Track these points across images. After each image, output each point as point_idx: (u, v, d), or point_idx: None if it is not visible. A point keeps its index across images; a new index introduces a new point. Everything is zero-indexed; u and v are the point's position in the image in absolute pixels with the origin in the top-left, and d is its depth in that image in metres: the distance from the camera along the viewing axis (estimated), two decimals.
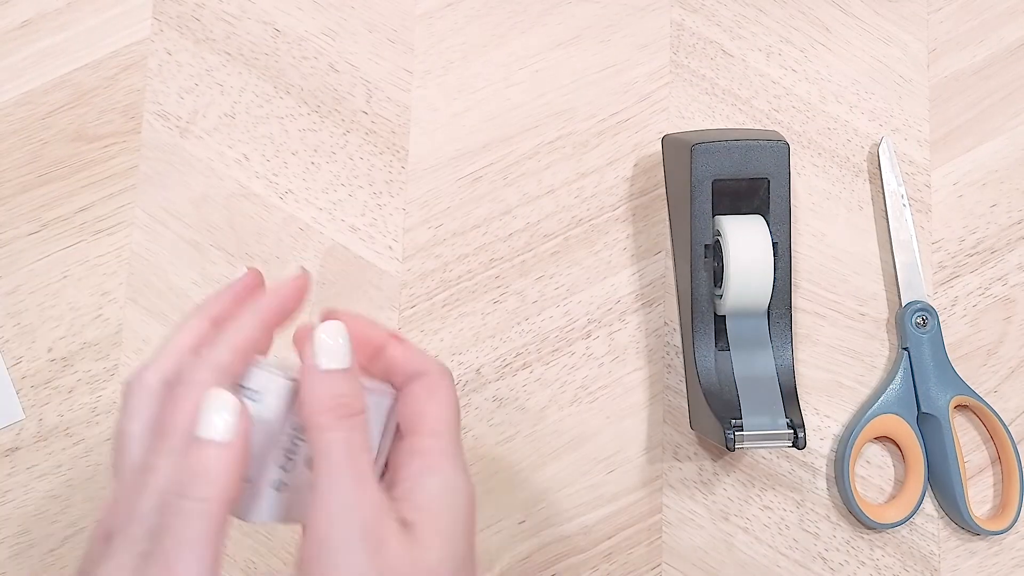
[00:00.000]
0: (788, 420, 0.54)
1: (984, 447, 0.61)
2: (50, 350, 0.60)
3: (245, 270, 0.43)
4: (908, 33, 0.65)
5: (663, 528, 0.60)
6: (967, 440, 0.61)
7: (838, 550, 0.60)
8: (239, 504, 0.38)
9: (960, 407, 0.61)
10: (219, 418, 0.36)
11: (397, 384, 0.41)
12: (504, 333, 0.61)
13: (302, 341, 0.40)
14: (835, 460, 0.60)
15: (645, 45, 0.64)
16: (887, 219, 0.62)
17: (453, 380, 0.41)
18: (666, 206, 0.62)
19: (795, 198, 0.63)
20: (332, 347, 0.39)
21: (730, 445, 0.53)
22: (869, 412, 0.59)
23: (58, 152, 0.62)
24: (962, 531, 0.60)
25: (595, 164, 0.63)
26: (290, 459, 0.39)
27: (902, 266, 0.62)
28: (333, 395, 0.38)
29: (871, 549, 0.60)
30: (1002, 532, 0.59)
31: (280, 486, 0.39)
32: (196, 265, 0.61)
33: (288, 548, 0.58)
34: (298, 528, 0.38)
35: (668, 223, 0.62)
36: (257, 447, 0.38)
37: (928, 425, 0.60)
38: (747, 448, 0.54)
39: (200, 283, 0.61)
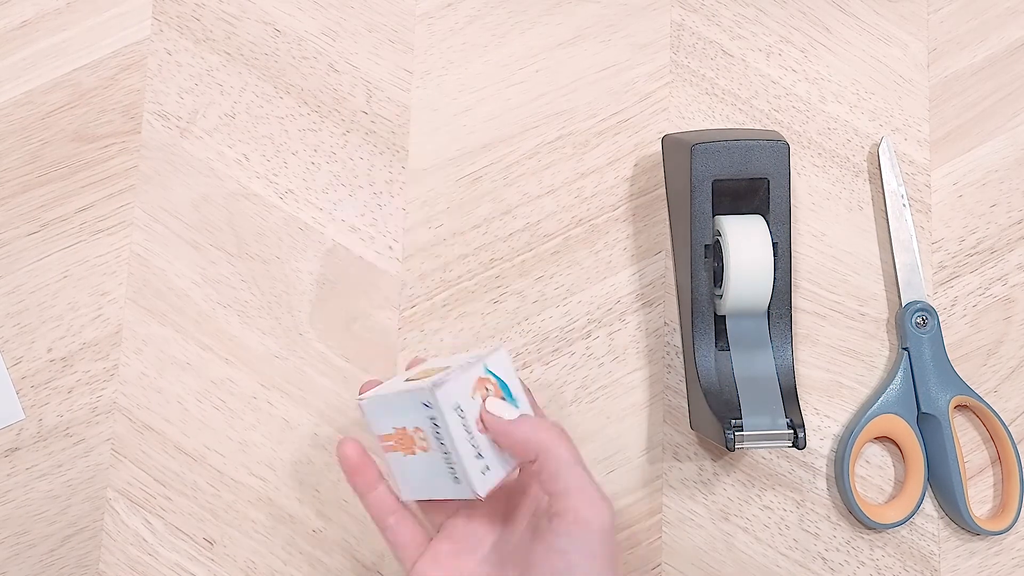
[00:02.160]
0: (788, 420, 0.54)
1: (984, 447, 0.61)
2: (50, 350, 0.60)
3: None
4: (908, 33, 0.65)
5: (663, 528, 0.60)
6: (967, 440, 0.61)
7: (838, 550, 0.60)
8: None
9: (960, 407, 0.61)
10: None
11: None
12: (504, 333, 0.61)
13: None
14: (835, 460, 0.60)
15: (645, 45, 0.64)
16: (887, 219, 0.62)
17: (565, 435, 0.47)
18: (666, 206, 0.62)
19: (795, 198, 0.63)
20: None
21: (730, 445, 0.53)
22: (869, 412, 0.59)
23: (58, 152, 0.62)
24: (962, 531, 0.60)
25: (595, 164, 0.63)
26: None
27: (902, 266, 0.62)
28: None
29: (871, 549, 0.60)
30: (1002, 532, 0.59)
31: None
32: (196, 265, 0.61)
33: (288, 549, 0.58)
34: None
35: (668, 223, 0.62)
36: None
37: (928, 425, 0.60)
38: (747, 448, 0.54)
39: (200, 283, 0.61)
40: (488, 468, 0.47)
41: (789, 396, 0.56)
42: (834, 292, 0.62)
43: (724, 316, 0.57)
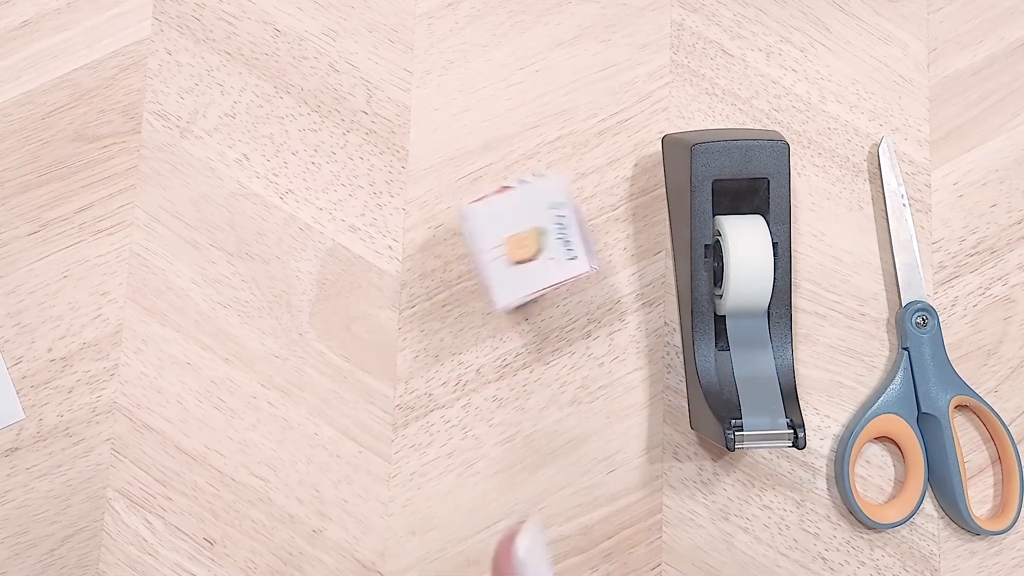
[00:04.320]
0: (788, 420, 0.54)
1: (984, 447, 0.61)
2: (50, 350, 0.60)
3: None
4: (908, 33, 0.65)
5: (663, 528, 0.60)
6: (967, 440, 0.61)
7: (838, 550, 0.60)
8: None
9: (960, 407, 0.61)
10: None
11: None
12: (504, 333, 0.61)
13: None
14: (835, 460, 0.60)
15: (645, 45, 0.64)
16: (887, 219, 0.62)
17: None
18: (666, 206, 0.62)
19: (795, 198, 0.63)
20: None
21: (730, 445, 0.53)
22: (869, 412, 0.59)
23: (58, 152, 0.62)
24: (962, 531, 0.60)
25: (595, 164, 0.63)
26: None
27: (902, 266, 0.62)
28: None
29: (871, 549, 0.60)
30: (1002, 532, 0.59)
31: None
32: (196, 265, 0.61)
33: (288, 549, 0.58)
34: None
35: (668, 223, 0.62)
36: None
37: (928, 425, 0.60)
38: (747, 448, 0.54)
39: (200, 283, 0.61)
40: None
41: (789, 396, 0.56)
42: (834, 292, 0.62)
43: (724, 316, 0.57)
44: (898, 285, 0.62)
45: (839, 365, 0.61)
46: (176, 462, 0.59)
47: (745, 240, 0.55)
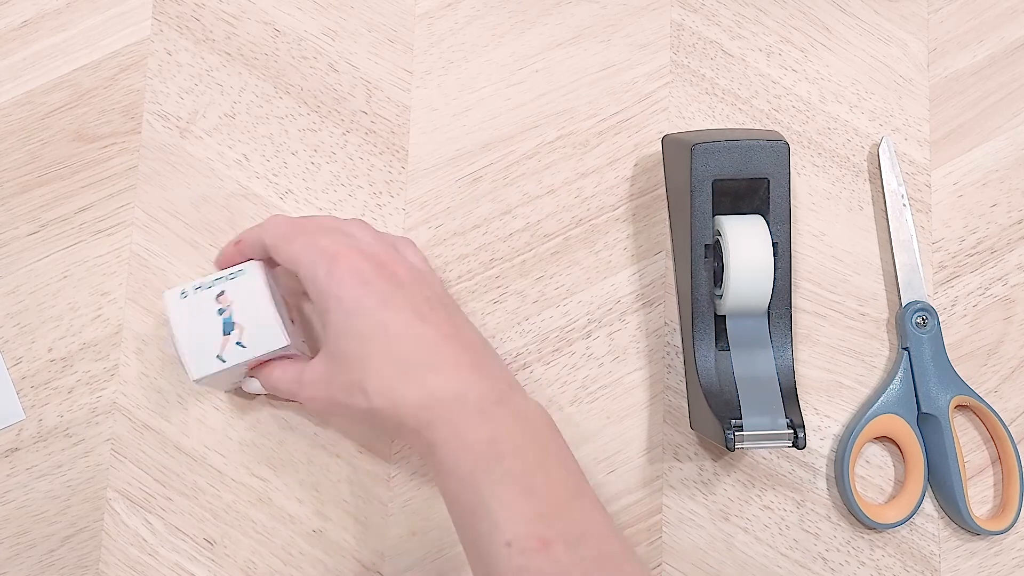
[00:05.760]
0: (788, 420, 0.54)
1: (984, 447, 0.61)
2: (50, 350, 0.60)
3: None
4: (908, 33, 0.65)
5: (663, 528, 0.60)
6: (967, 440, 0.61)
7: (838, 550, 0.60)
8: None
9: (960, 407, 0.61)
10: None
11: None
12: (504, 333, 0.61)
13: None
14: (835, 460, 0.60)
15: (645, 45, 0.64)
16: (887, 219, 0.62)
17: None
18: (666, 206, 0.62)
19: (795, 198, 0.63)
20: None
21: (730, 445, 0.53)
22: (869, 412, 0.59)
23: (58, 152, 0.62)
24: (962, 531, 0.60)
25: (595, 164, 0.63)
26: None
27: (902, 266, 0.62)
28: None
29: (871, 549, 0.60)
30: (1002, 532, 0.59)
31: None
32: (196, 265, 0.61)
33: (288, 549, 0.58)
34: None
35: (668, 223, 0.62)
36: None
37: (928, 425, 0.60)
38: (747, 448, 0.54)
39: None
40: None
41: (789, 396, 0.56)
42: (834, 292, 0.62)
43: (724, 316, 0.57)
44: (898, 285, 0.62)
45: (839, 365, 0.61)
46: (176, 462, 0.59)
47: (745, 240, 0.55)
